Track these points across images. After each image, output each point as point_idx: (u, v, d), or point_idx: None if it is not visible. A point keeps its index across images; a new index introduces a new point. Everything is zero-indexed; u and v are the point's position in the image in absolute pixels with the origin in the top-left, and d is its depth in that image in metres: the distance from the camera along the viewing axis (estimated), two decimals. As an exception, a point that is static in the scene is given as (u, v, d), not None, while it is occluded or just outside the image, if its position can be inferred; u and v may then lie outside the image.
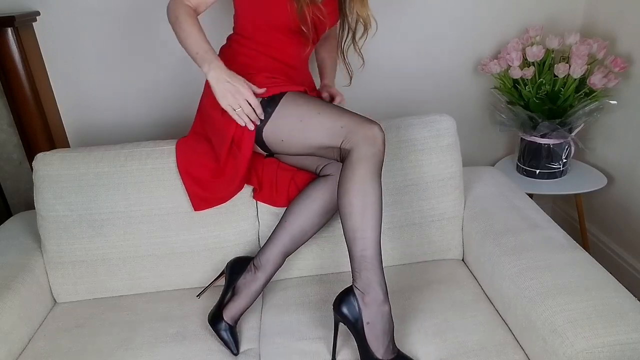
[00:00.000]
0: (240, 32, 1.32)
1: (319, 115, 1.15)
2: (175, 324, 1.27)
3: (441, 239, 1.43)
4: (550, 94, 1.70)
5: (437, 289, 1.31)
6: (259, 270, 1.25)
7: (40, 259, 1.38)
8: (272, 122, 1.18)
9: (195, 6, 1.23)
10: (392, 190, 1.38)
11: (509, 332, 1.16)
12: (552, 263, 1.16)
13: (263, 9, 1.25)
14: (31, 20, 1.62)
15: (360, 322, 1.08)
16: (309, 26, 1.23)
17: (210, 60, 1.15)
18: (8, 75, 1.57)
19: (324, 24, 1.29)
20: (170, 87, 1.78)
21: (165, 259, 1.37)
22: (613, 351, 0.95)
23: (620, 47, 1.72)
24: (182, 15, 1.18)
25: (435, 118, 1.41)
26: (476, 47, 1.87)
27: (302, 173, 1.34)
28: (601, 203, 1.91)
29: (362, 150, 1.08)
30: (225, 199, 1.34)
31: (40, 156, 1.37)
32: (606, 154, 1.86)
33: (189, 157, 1.33)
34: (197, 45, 1.17)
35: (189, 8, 1.21)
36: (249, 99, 1.15)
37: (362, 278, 1.08)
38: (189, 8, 1.21)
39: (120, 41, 1.71)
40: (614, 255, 1.86)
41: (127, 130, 1.85)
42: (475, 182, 1.53)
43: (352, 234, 1.08)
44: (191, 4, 1.22)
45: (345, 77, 1.46)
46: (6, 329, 1.17)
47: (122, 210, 1.33)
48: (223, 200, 1.34)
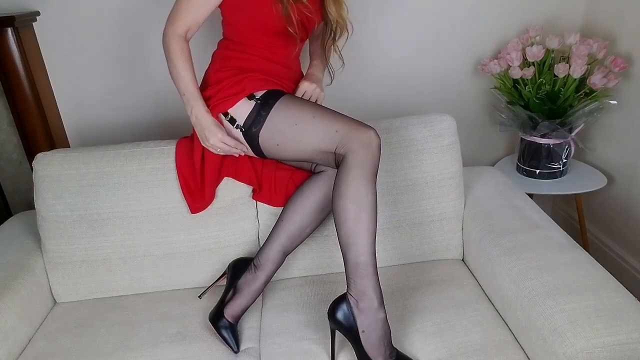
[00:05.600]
0: (230, 37, 1.32)
1: (314, 120, 1.15)
2: (175, 324, 1.27)
3: (441, 239, 1.43)
4: (550, 94, 1.70)
5: (437, 289, 1.31)
6: (259, 270, 1.26)
7: (40, 259, 1.38)
8: (267, 126, 1.19)
9: (185, 31, 1.23)
10: (392, 190, 1.38)
11: (509, 332, 1.16)
12: (552, 263, 1.16)
13: (249, 14, 1.24)
14: (31, 20, 1.62)
15: (356, 330, 1.07)
16: (295, 26, 1.23)
17: (193, 105, 1.23)
18: (8, 75, 1.57)
19: (312, 21, 1.29)
20: (171, 87, 1.77)
21: (165, 259, 1.37)
22: (613, 351, 0.95)
23: (620, 47, 1.72)
24: (174, 52, 1.21)
25: (436, 118, 1.41)
26: (476, 47, 1.87)
27: (301, 172, 1.34)
28: (601, 203, 1.91)
29: (357, 155, 1.08)
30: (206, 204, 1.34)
31: (40, 156, 1.37)
32: (606, 154, 1.86)
33: (186, 159, 1.33)
34: (185, 87, 1.23)
35: (180, 40, 1.22)
36: (224, 139, 1.21)
37: (357, 284, 1.08)
38: (181, 39, 1.22)
39: (120, 41, 1.71)
40: (614, 255, 1.86)
41: (127, 130, 1.85)
42: (475, 182, 1.53)
43: (346, 239, 1.08)
44: (181, 31, 1.22)
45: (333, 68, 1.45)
46: (6, 329, 1.17)
47: (122, 210, 1.33)
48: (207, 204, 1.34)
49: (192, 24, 1.23)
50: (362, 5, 1.74)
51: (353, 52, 1.78)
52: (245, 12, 1.25)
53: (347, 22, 1.35)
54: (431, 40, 1.85)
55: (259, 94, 1.22)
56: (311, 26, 1.32)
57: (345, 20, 1.34)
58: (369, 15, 1.77)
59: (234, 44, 1.30)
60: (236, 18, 1.27)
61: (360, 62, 1.83)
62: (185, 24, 1.22)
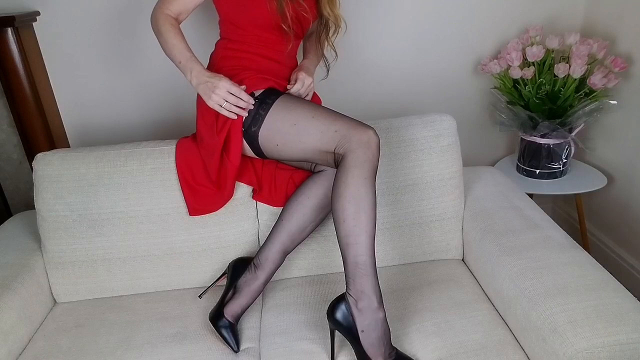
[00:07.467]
0: (227, 36, 1.33)
1: (313, 119, 1.15)
2: (175, 324, 1.27)
3: (441, 239, 1.43)
4: (550, 94, 1.70)
5: (437, 289, 1.31)
6: (259, 269, 1.26)
7: (40, 259, 1.38)
8: (266, 126, 1.19)
9: (177, 15, 1.25)
10: (392, 190, 1.38)
11: (509, 332, 1.16)
12: (552, 263, 1.16)
13: (244, 10, 1.25)
14: (31, 20, 1.62)
15: (355, 329, 1.07)
16: (289, 23, 1.24)
17: (192, 68, 1.20)
18: (8, 75, 1.57)
19: (307, 18, 1.30)
20: (171, 87, 1.78)
21: (165, 259, 1.37)
22: (613, 351, 0.95)
23: (620, 47, 1.72)
24: (164, 26, 1.21)
25: (436, 118, 1.41)
26: (476, 47, 1.87)
27: (300, 172, 1.34)
28: (601, 203, 1.91)
29: (356, 155, 1.08)
30: (215, 208, 1.34)
31: (40, 156, 1.37)
32: (606, 154, 1.86)
33: (187, 159, 1.33)
34: (180, 54, 1.21)
35: (170, 17, 1.23)
36: (230, 89, 1.17)
37: (356, 284, 1.08)
38: (171, 17, 1.23)
39: (120, 41, 1.71)
40: (614, 255, 1.86)
41: (127, 130, 1.85)
42: (475, 182, 1.53)
43: (346, 239, 1.08)
44: (172, 13, 1.24)
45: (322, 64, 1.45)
46: (6, 329, 1.17)
47: (122, 210, 1.33)
48: (213, 210, 1.34)
49: (182, 10, 1.25)
50: (362, 6, 1.74)
51: (353, 52, 1.79)
52: (239, 7, 1.25)
53: (341, 20, 1.36)
54: (431, 40, 1.85)
55: (258, 93, 1.22)
56: (307, 24, 1.32)
57: (339, 18, 1.35)
58: (369, 15, 1.77)
59: (231, 43, 1.31)
60: (231, 14, 1.28)
61: (360, 62, 1.83)
62: (174, 8, 1.23)
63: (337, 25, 1.36)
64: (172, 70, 1.75)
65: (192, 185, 1.32)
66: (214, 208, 1.34)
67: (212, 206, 1.34)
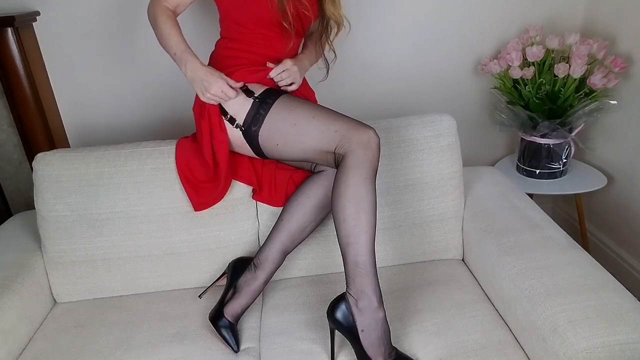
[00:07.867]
0: (227, 35, 1.32)
1: (313, 120, 1.15)
2: (175, 324, 1.27)
3: (441, 239, 1.43)
4: (550, 94, 1.70)
5: (437, 289, 1.31)
6: (259, 269, 1.26)
7: (40, 259, 1.38)
8: (266, 126, 1.19)
9: (174, 7, 1.25)
10: (392, 190, 1.38)
11: (509, 332, 1.16)
12: (552, 263, 1.16)
13: (245, 6, 1.25)
14: (31, 20, 1.62)
15: (355, 329, 1.07)
16: (289, 20, 1.24)
17: (187, 60, 1.20)
18: (8, 75, 1.57)
19: (308, 16, 1.29)
20: (171, 87, 1.78)
21: (165, 259, 1.37)
22: (613, 351, 0.95)
23: (620, 47, 1.72)
24: (161, 17, 1.21)
25: (436, 118, 1.41)
26: (476, 47, 1.87)
27: (300, 172, 1.34)
28: (601, 203, 1.91)
29: (357, 155, 1.08)
30: (219, 199, 1.34)
31: (40, 156, 1.37)
32: (606, 154, 1.86)
33: (187, 158, 1.33)
34: (175, 45, 1.21)
35: (167, 9, 1.23)
36: (226, 91, 1.18)
37: (356, 284, 1.08)
38: (168, 9, 1.24)
39: (120, 41, 1.71)
40: (614, 255, 1.86)
41: (127, 130, 1.85)
42: (475, 182, 1.53)
43: (346, 239, 1.08)
44: (170, 5, 1.25)
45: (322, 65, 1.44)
46: (6, 329, 1.17)
47: (122, 210, 1.33)
48: (218, 200, 1.34)
49: (179, 2, 1.25)
50: (363, 6, 1.74)
51: (353, 52, 1.79)
52: (240, 4, 1.25)
53: (343, 19, 1.36)
54: (431, 40, 1.85)
55: (258, 92, 1.22)
56: (308, 22, 1.32)
57: (341, 17, 1.34)
58: (369, 15, 1.77)
59: (231, 42, 1.31)
60: (231, 11, 1.28)
61: (360, 62, 1.83)
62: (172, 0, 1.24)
63: (339, 25, 1.36)
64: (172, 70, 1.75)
65: (194, 183, 1.32)
66: (218, 198, 1.33)
67: (217, 197, 1.33)
